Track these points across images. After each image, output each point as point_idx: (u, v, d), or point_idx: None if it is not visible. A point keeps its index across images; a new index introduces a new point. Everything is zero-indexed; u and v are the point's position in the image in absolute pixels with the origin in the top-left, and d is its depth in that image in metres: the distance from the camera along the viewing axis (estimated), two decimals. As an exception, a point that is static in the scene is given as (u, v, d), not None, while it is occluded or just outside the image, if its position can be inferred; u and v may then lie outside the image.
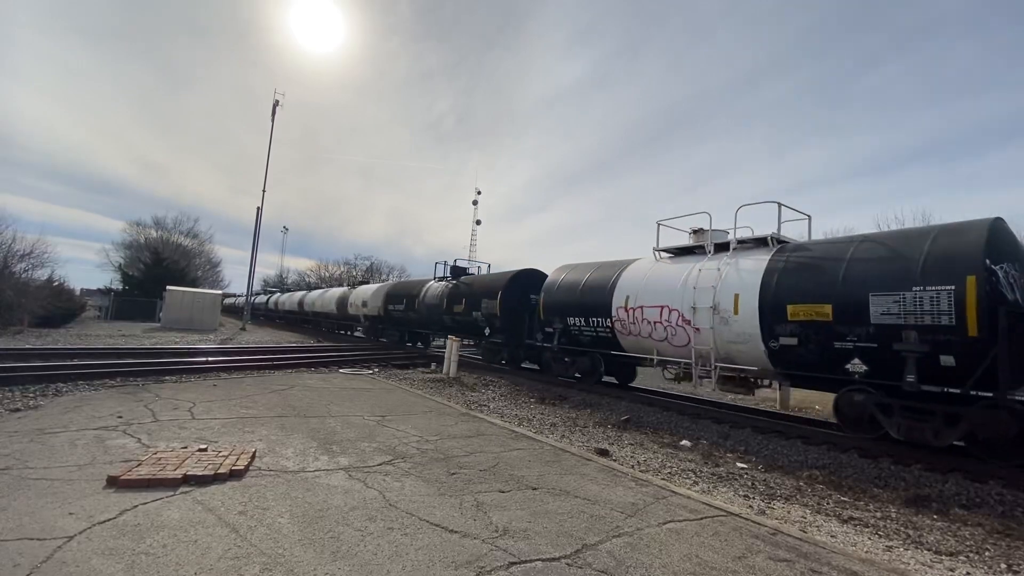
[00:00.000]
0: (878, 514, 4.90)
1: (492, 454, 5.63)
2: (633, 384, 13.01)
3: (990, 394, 5.83)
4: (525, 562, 3.08)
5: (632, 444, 7.16)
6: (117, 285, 44.38)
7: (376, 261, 67.78)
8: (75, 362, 10.47)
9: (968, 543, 4.29)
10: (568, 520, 3.82)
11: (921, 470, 6.29)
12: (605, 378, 12.35)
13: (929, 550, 4.10)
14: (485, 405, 9.45)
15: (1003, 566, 3.87)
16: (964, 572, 3.69)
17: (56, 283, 27.26)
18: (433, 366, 14.80)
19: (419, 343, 22.22)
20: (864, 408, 6.94)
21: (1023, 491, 5.61)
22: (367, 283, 31.88)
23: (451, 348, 13.07)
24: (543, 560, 3.12)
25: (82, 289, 46.14)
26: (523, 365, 15.40)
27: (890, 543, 4.19)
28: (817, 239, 9.21)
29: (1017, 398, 5.70)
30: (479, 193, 70.84)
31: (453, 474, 4.80)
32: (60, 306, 23.88)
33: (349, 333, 30.42)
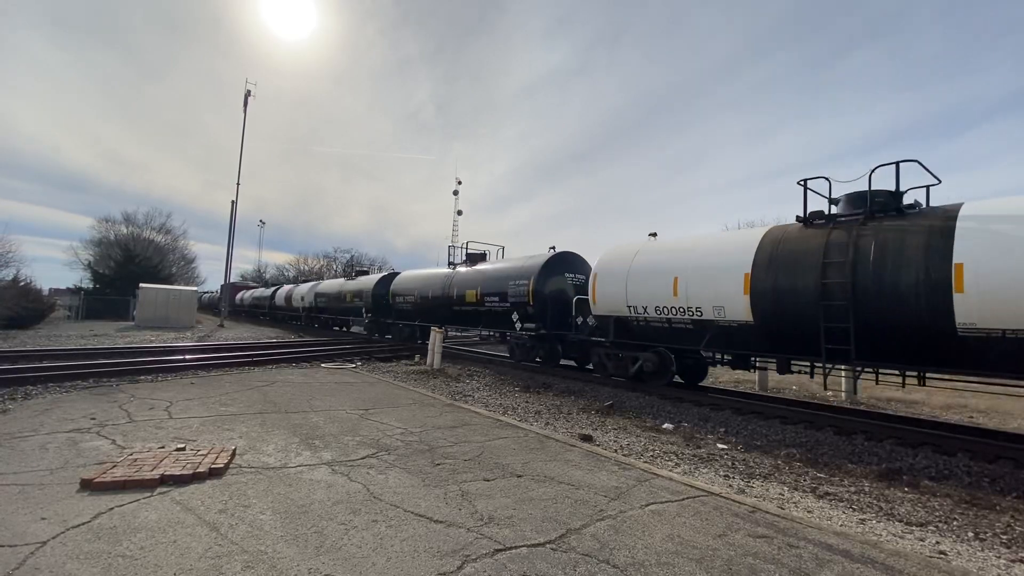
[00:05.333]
0: (852, 489, 5.06)
1: (477, 443, 5.64)
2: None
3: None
4: (510, 549, 3.10)
5: (615, 429, 7.24)
6: (87, 284, 42.99)
7: (357, 254, 66.96)
8: (45, 364, 10.16)
9: (937, 513, 4.46)
10: (553, 506, 3.85)
11: (893, 445, 6.51)
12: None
13: (900, 521, 4.25)
14: (469, 395, 9.46)
15: (970, 534, 4.03)
16: (933, 541, 3.84)
17: (22, 283, 26.33)
18: (417, 358, 14.73)
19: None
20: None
21: (989, 462, 5.86)
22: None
23: (435, 340, 13.02)
24: (528, 546, 3.15)
25: (51, 289, 44.77)
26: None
27: (863, 516, 4.33)
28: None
29: None
30: (459, 183, 70.39)
31: (438, 465, 4.79)
32: (27, 307, 23.06)
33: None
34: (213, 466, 4.29)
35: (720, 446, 6.52)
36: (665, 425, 7.57)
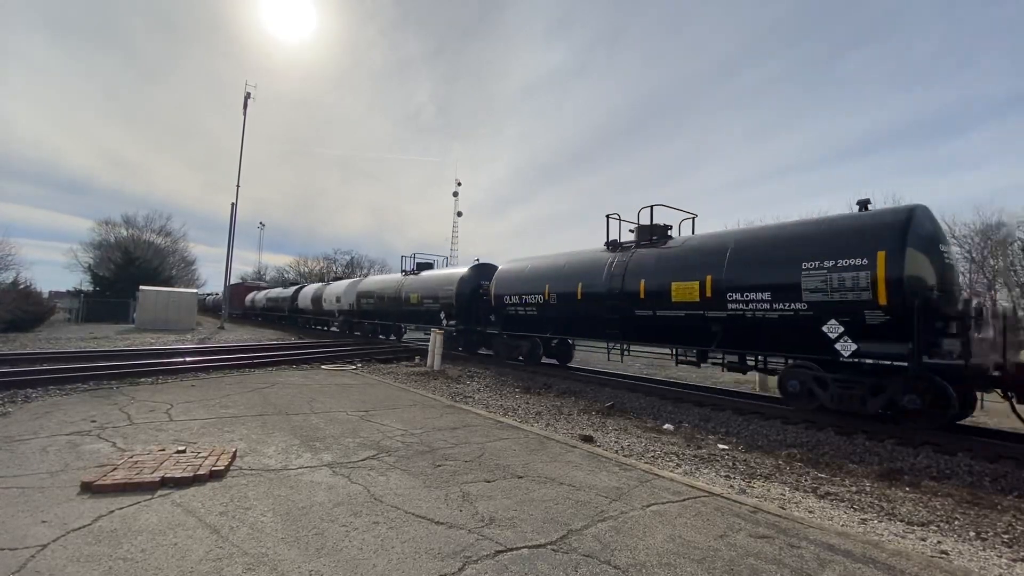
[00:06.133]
0: (853, 488, 5.06)
1: (477, 445, 5.64)
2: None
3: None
4: (512, 550, 3.10)
5: (616, 430, 7.24)
6: (87, 286, 42.98)
7: (357, 256, 67.00)
8: (45, 366, 10.15)
9: (939, 513, 4.46)
10: (554, 507, 3.85)
11: (894, 444, 6.50)
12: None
13: (902, 521, 4.24)
14: (470, 396, 9.45)
15: (972, 533, 4.03)
16: (935, 541, 3.83)
17: (22, 286, 26.36)
18: (417, 359, 14.73)
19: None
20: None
21: (991, 462, 5.85)
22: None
23: (435, 341, 13.01)
24: (529, 547, 3.14)
25: (51, 291, 44.75)
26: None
27: (865, 516, 4.32)
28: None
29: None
30: (459, 185, 70.50)
31: (439, 466, 4.79)
32: (28, 310, 23.08)
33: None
34: (214, 468, 4.29)
35: (721, 446, 6.52)
36: (666, 426, 7.57)
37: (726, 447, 6.50)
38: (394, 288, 20.33)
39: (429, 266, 20.59)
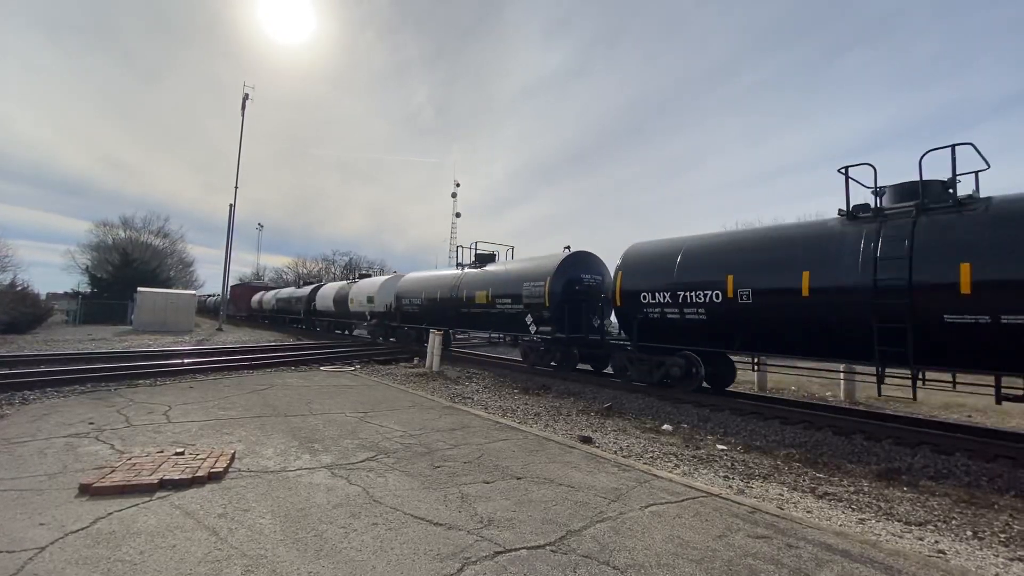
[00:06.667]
0: (851, 488, 5.07)
1: (476, 446, 5.64)
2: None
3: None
4: (510, 551, 3.10)
5: (615, 430, 7.25)
6: (85, 288, 42.94)
7: (355, 257, 66.86)
8: (43, 368, 10.13)
9: (936, 513, 4.47)
10: (552, 507, 3.85)
11: (891, 444, 6.52)
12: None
13: (899, 521, 4.26)
14: (469, 398, 9.45)
15: (969, 533, 4.04)
16: (932, 540, 3.85)
17: (20, 288, 26.32)
18: (416, 360, 14.72)
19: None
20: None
21: (988, 461, 5.87)
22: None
23: (434, 342, 13.01)
24: (528, 548, 3.15)
25: (48, 293, 44.61)
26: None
27: (863, 516, 4.34)
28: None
29: None
30: (458, 185, 70.38)
31: (437, 467, 4.79)
32: (25, 311, 23.02)
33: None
34: (212, 470, 4.28)
35: (719, 447, 6.53)
36: (664, 426, 7.58)
37: (724, 447, 6.51)
38: (450, 285, 16.15)
39: (491, 258, 16.35)
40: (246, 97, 32.51)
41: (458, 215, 69.87)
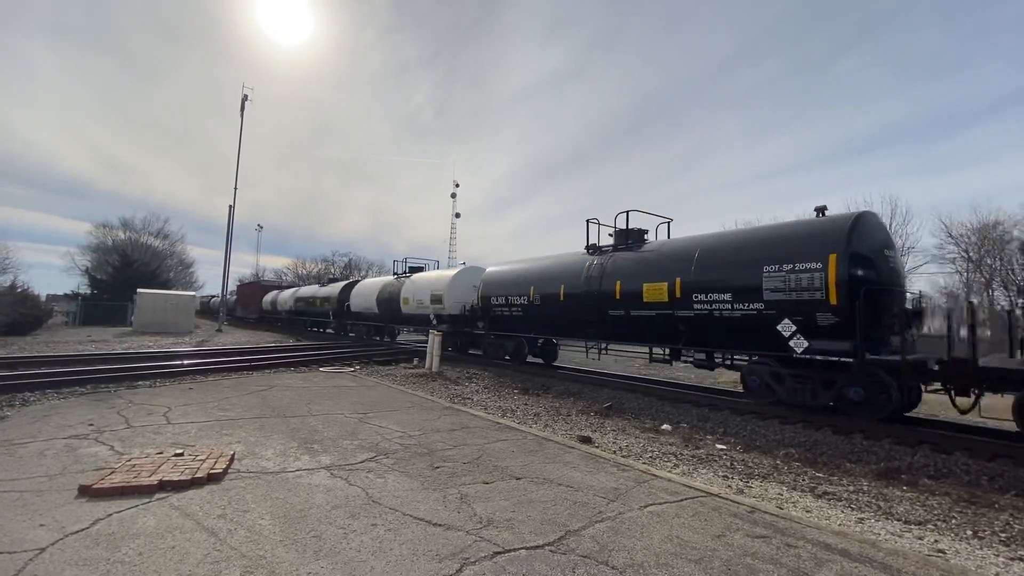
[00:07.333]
0: (851, 488, 5.07)
1: (476, 446, 5.64)
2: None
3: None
4: (509, 551, 3.10)
5: (614, 430, 7.25)
6: (84, 289, 42.90)
7: (355, 257, 66.88)
8: (43, 370, 10.13)
9: (936, 512, 4.47)
10: (552, 508, 3.86)
11: (891, 443, 6.52)
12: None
13: (899, 520, 4.26)
14: (469, 398, 9.45)
15: (969, 532, 4.04)
16: (932, 540, 3.85)
17: (20, 289, 26.28)
18: (415, 361, 14.72)
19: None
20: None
21: (988, 461, 5.87)
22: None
23: (433, 343, 13.00)
24: (527, 548, 3.15)
25: (48, 295, 44.60)
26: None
27: (862, 515, 4.34)
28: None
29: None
30: (457, 186, 70.52)
31: (437, 468, 4.79)
32: (25, 313, 22.99)
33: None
34: (212, 471, 4.28)
35: (719, 446, 6.53)
36: (664, 426, 7.58)
37: (724, 447, 6.51)
38: (580, 274, 12.99)
39: (640, 235, 16.63)
40: (245, 98, 32.51)
41: (458, 215, 70.05)
